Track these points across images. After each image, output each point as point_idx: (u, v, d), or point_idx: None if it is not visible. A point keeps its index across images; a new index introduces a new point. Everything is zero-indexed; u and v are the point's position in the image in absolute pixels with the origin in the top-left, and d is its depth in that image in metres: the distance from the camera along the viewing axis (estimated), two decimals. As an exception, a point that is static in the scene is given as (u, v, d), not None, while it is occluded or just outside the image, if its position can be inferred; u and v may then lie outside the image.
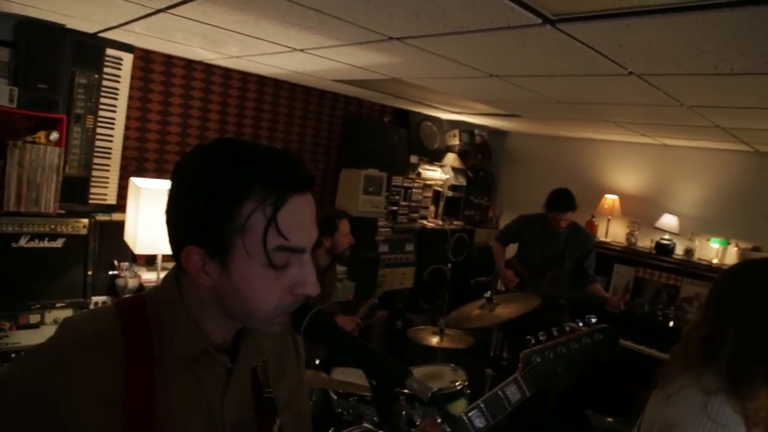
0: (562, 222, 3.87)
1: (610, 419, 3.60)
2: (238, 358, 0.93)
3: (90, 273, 3.13)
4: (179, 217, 0.85)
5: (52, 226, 2.96)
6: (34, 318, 2.97)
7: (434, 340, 3.17)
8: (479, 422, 0.98)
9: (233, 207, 0.79)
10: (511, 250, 4.38)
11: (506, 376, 1.09)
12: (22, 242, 2.87)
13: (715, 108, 2.84)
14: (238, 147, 0.84)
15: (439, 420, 0.93)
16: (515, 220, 4.33)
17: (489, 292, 3.16)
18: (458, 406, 2.77)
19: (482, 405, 0.99)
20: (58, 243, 3.00)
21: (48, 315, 3.03)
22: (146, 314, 0.88)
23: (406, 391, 2.70)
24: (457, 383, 2.80)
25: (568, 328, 1.09)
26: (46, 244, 2.95)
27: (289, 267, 0.84)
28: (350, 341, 0.86)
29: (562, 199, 3.85)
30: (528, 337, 1.06)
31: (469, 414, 0.98)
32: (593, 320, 1.12)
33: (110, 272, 3.22)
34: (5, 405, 0.78)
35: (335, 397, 2.71)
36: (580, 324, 1.11)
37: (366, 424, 2.56)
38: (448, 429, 0.93)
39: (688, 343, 1.42)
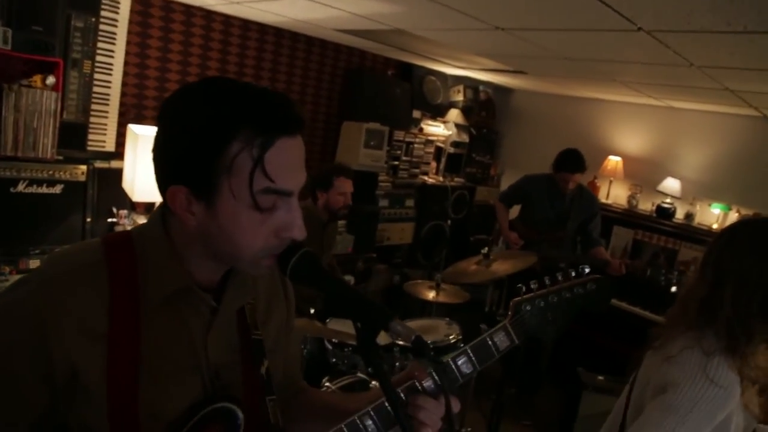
0: (571, 183, 3.77)
1: (600, 377, 3.66)
2: (224, 297, 0.94)
3: (89, 220, 3.13)
4: (165, 156, 0.84)
5: (50, 172, 2.94)
6: (34, 263, 2.99)
7: (430, 295, 3.20)
8: (466, 368, 0.96)
9: (220, 147, 0.78)
10: (514, 211, 4.35)
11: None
12: (21, 187, 2.86)
13: (725, 69, 2.77)
14: (227, 86, 0.82)
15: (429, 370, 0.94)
16: (519, 180, 4.20)
17: (486, 248, 3.16)
18: (451, 360, 2.82)
19: (469, 351, 0.97)
20: (57, 189, 2.99)
21: (47, 260, 3.05)
22: (132, 250, 0.88)
23: (400, 343, 2.74)
24: (450, 337, 2.84)
25: (560, 278, 1.08)
26: (44, 189, 2.94)
27: (275, 210, 0.83)
28: (336, 284, 0.86)
29: (571, 160, 3.74)
30: (519, 285, 1.05)
31: (456, 360, 0.96)
32: (587, 270, 1.10)
33: (109, 219, 3.22)
34: None
35: (330, 347, 2.75)
36: (573, 274, 1.09)
37: (360, 374, 2.62)
38: (434, 374, 0.94)
39: (685, 304, 1.43)
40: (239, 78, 3.94)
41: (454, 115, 5.44)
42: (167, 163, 0.84)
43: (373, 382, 2.54)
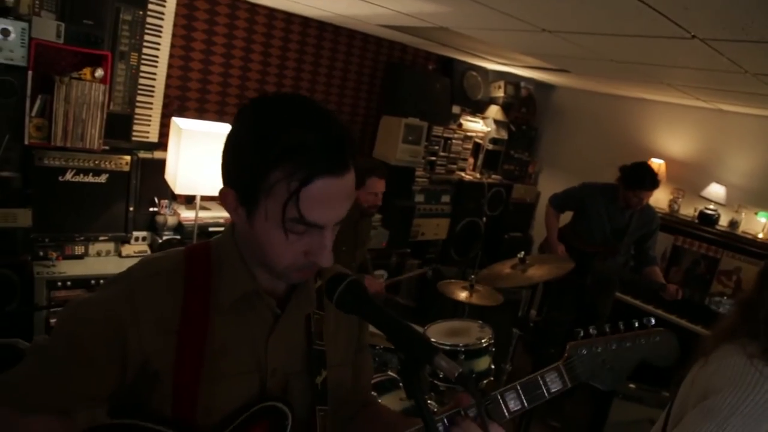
0: (644, 201, 3.51)
1: (632, 385, 3.60)
2: (287, 305, 1.00)
3: (131, 209, 3.21)
4: (224, 158, 0.91)
5: (96, 162, 3.03)
6: (79, 249, 3.10)
7: (463, 295, 3.18)
8: (513, 405, 0.95)
9: (264, 170, 0.83)
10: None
11: (533, 336, 1.05)
12: (68, 176, 2.96)
13: (781, 77, 2.67)
14: (291, 109, 0.86)
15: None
16: (577, 187, 3.93)
17: (522, 252, 3.12)
18: (482, 363, 2.82)
19: (519, 387, 0.96)
20: (102, 178, 3.07)
21: (92, 247, 3.15)
22: (209, 257, 0.98)
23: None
24: (483, 340, 2.82)
25: (622, 326, 1.04)
26: (90, 179, 3.03)
27: (305, 236, 0.87)
28: (381, 314, 0.87)
29: (648, 177, 3.42)
30: (577, 329, 1.03)
31: (505, 395, 0.95)
32: (652, 322, 1.07)
33: (150, 209, 3.30)
34: (87, 319, 0.91)
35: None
36: (636, 324, 1.06)
37: (390, 372, 2.63)
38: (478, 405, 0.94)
39: (734, 315, 1.39)
40: (281, 71, 4.01)
41: (493, 111, 5.37)
42: (224, 164, 0.91)
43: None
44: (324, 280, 0.97)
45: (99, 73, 2.86)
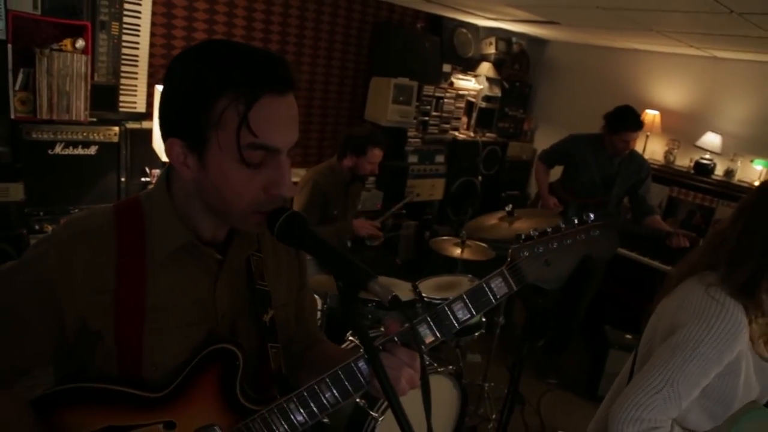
0: (632, 143, 3.52)
1: (628, 336, 3.65)
2: (228, 251, 1.00)
3: (123, 179, 3.24)
4: (164, 110, 0.90)
5: (85, 134, 3.05)
6: (74, 221, 3.14)
7: (456, 251, 3.21)
8: (462, 314, 0.97)
9: (208, 102, 0.83)
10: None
11: (523, 289, 1.06)
12: (58, 149, 2.98)
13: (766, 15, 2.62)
14: (219, 46, 0.87)
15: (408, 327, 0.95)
16: (564, 139, 3.93)
17: (510, 205, 3.12)
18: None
19: (465, 297, 0.98)
20: (92, 150, 3.10)
21: (86, 218, 3.19)
22: (141, 211, 0.96)
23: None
24: (473, 294, 2.86)
25: (563, 225, 1.04)
26: (80, 151, 3.06)
27: (263, 167, 0.87)
28: (320, 244, 0.88)
29: (631, 117, 3.45)
30: (519, 234, 1.03)
31: (452, 306, 0.98)
32: (591, 217, 1.06)
33: (142, 179, 3.33)
34: (15, 284, 0.90)
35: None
36: (575, 221, 1.05)
37: (383, 329, 2.69)
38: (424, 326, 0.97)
39: (700, 248, 1.44)
40: (266, 35, 3.97)
41: (485, 68, 5.31)
42: (165, 117, 0.90)
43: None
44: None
45: (80, 43, 2.86)
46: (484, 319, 2.95)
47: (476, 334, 2.88)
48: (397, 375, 0.91)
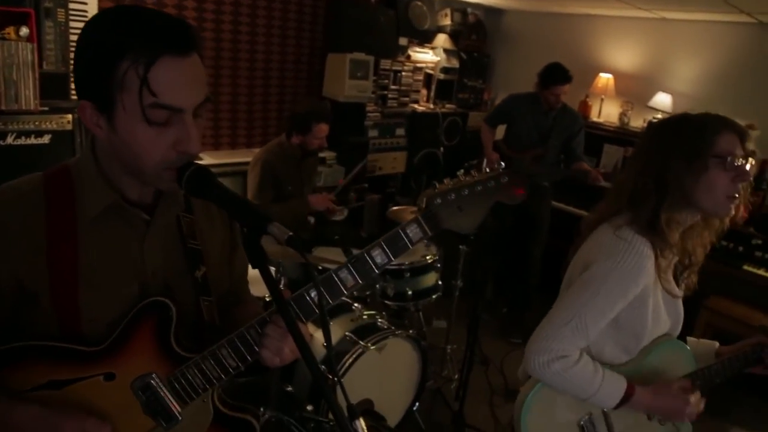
0: (562, 96, 3.82)
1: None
2: (156, 211, 1.06)
3: (80, 167, 3.24)
4: (75, 75, 0.95)
5: (37, 123, 3.03)
6: (32, 210, 3.14)
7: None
8: (381, 259, 1.04)
9: (111, 64, 0.87)
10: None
11: (478, 251, 1.09)
12: (10, 140, 2.96)
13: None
14: (123, 11, 0.91)
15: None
16: (504, 99, 4.28)
17: (462, 170, 3.20)
18: (429, 279, 2.97)
19: (383, 243, 1.04)
20: (45, 139, 3.08)
21: (45, 207, 3.19)
22: (70, 176, 1.01)
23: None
24: (428, 257, 2.97)
25: (474, 172, 1.10)
26: (33, 140, 3.04)
27: (170, 125, 0.92)
28: (225, 194, 0.94)
29: (560, 71, 3.77)
30: (433, 181, 1.08)
31: (371, 252, 1.04)
32: (502, 165, 1.12)
33: (100, 165, 3.33)
34: None
35: (316, 273, 2.90)
36: (487, 169, 1.10)
37: (344, 297, 2.75)
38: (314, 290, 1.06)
39: (608, 197, 1.53)
40: (218, 7, 3.94)
41: (442, 40, 5.35)
42: (76, 80, 0.95)
43: (356, 304, 2.70)
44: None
45: (24, 31, 2.83)
46: (440, 282, 3.06)
47: (434, 296, 2.99)
48: (279, 345, 1.02)
